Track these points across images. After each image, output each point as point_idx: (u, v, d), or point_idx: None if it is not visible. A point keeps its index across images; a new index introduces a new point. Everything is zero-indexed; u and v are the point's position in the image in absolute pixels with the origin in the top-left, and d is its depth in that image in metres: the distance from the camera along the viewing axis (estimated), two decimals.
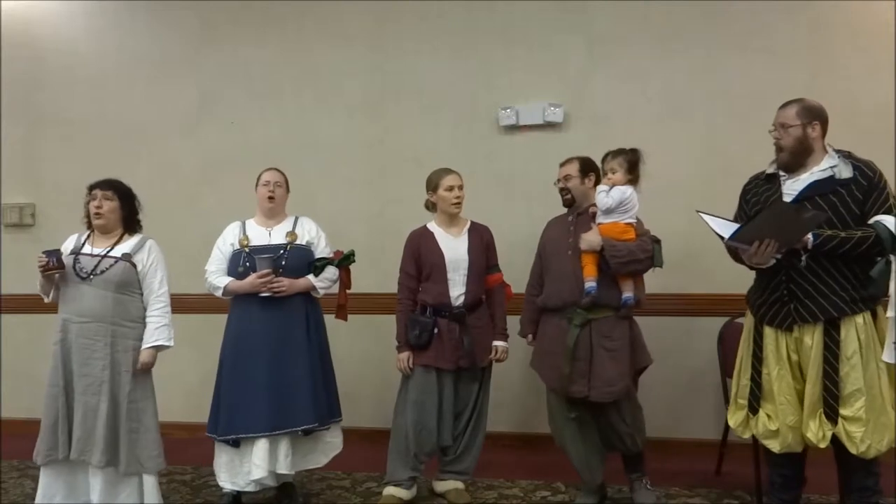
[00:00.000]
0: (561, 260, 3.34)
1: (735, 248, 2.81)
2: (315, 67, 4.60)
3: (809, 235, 2.68)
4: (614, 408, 3.26)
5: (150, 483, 3.24)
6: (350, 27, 4.56)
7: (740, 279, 3.95)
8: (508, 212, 4.25)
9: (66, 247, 3.28)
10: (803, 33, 4.04)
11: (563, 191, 3.43)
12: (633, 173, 3.26)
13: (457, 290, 3.45)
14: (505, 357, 3.56)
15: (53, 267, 3.11)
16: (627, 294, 3.24)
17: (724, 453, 3.77)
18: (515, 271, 3.70)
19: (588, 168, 3.39)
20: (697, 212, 2.85)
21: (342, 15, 4.56)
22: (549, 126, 4.30)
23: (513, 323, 3.63)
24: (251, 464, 3.31)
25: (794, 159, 2.83)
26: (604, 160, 3.34)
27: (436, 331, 3.41)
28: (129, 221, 3.34)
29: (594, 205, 3.33)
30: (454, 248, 3.49)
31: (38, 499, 3.20)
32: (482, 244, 3.53)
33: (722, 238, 2.80)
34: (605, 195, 3.23)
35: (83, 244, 3.27)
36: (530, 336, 3.56)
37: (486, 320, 3.54)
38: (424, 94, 4.48)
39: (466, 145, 4.39)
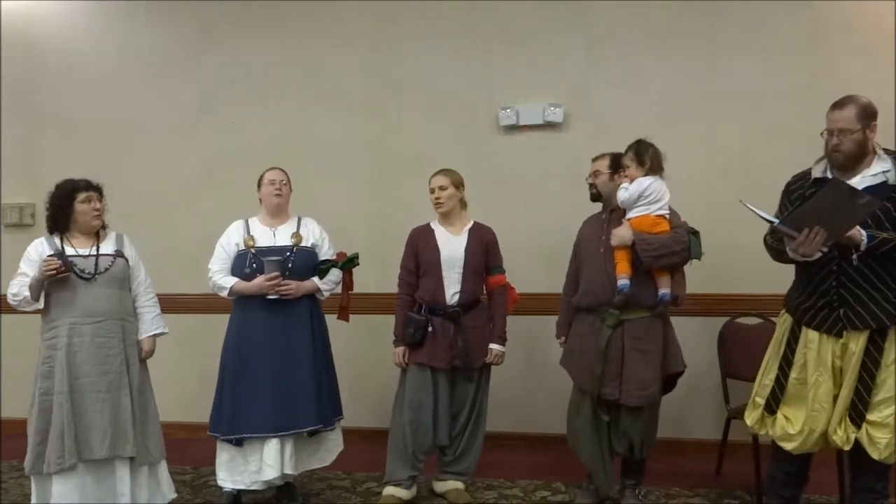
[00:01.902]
0: (594, 259, 3.29)
1: (783, 234, 2.66)
2: (315, 67, 4.60)
3: (864, 237, 2.60)
4: (636, 414, 3.21)
5: (163, 475, 3.33)
6: (350, 27, 4.56)
7: (740, 279, 3.97)
8: (508, 212, 4.24)
9: (42, 252, 3.18)
10: (803, 33, 4.04)
11: (591, 186, 3.41)
12: (643, 163, 3.18)
13: (452, 289, 3.45)
14: (500, 361, 3.54)
15: (63, 269, 3.08)
16: (664, 290, 3.15)
17: (724, 453, 3.77)
18: (515, 271, 3.69)
19: (619, 165, 3.31)
20: (741, 201, 2.74)
21: (342, 15, 4.56)
22: (549, 126, 4.30)
23: (514, 324, 3.62)
24: (262, 464, 3.31)
25: (852, 163, 2.70)
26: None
27: (430, 329, 3.42)
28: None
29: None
30: (452, 245, 3.49)
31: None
32: (481, 244, 3.52)
33: (771, 223, 2.67)
34: (621, 189, 3.20)
35: (62, 247, 3.20)
36: (563, 338, 3.50)
37: (484, 321, 3.53)
38: (424, 94, 4.48)
39: (466, 145, 4.38)
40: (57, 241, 3.23)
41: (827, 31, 4.02)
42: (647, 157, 3.18)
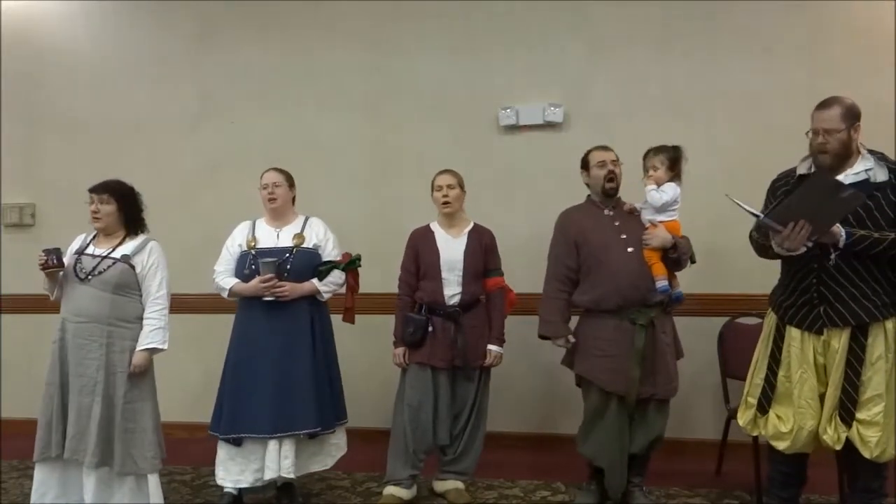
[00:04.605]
0: (617, 257, 3.21)
1: (768, 228, 2.67)
2: (315, 67, 4.60)
3: (842, 233, 2.62)
4: (662, 406, 3.27)
5: (153, 484, 3.24)
6: (350, 27, 4.56)
7: (740, 279, 3.97)
8: (508, 212, 4.25)
9: (73, 246, 3.30)
10: (803, 33, 4.04)
11: (610, 174, 3.31)
12: (674, 170, 3.23)
13: (451, 290, 3.46)
14: (498, 362, 3.55)
15: (53, 265, 3.12)
16: (679, 290, 3.27)
17: (724, 453, 3.77)
18: (515, 271, 3.70)
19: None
20: (727, 195, 2.77)
21: (342, 15, 4.56)
22: (549, 126, 4.30)
23: (514, 324, 3.63)
24: (264, 465, 3.31)
25: (838, 162, 2.72)
26: (645, 157, 3.29)
27: (430, 329, 3.43)
28: (132, 222, 3.32)
29: (625, 202, 3.34)
30: (451, 248, 3.49)
31: (32, 496, 3.22)
32: (481, 247, 3.52)
33: (757, 216, 2.68)
34: (657, 192, 3.20)
35: (88, 244, 3.28)
36: (570, 338, 3.34)
37: (483, 320, 3.53)
38: (424, 94, 4.48)
39: (466, 145, 4.38)
40: (89, 238, 3.31)
41: (827, 31, 4.02)
42: (679, 165, 3.24)
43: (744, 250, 3.07)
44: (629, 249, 3.22)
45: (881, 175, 2.70)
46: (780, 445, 2.86)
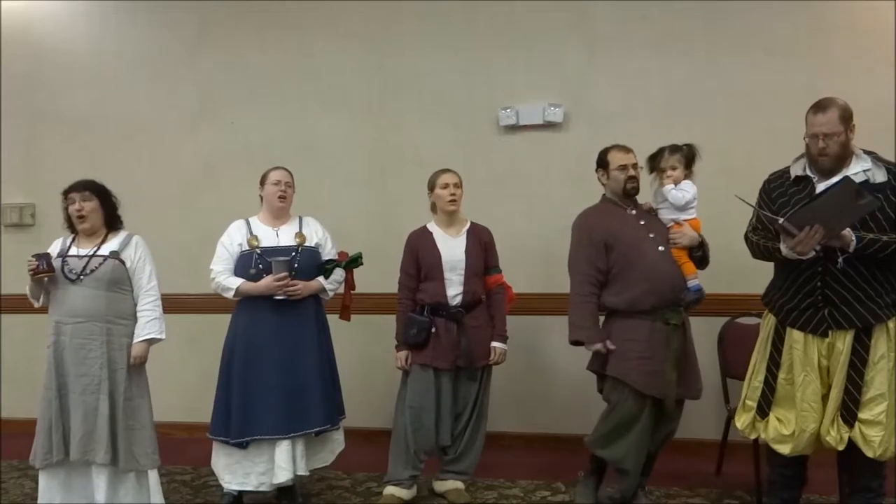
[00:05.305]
0: (651, 257, 3.14)
1: (783, 231, 2.65)
2: (315, 67, 4.60)
3: (853, 238, 2.61)
4: (680, 406, 3.26)
5: (153, 481, 3.26)
6: (350, 27, 4.56)
7: (741, 279, 3.96)
8: (508, 212, 4.24)
9: (52, 251, 3.26)
10: (803, 33, 4.04)
11: (632, 179, 3.26)
12: (690, 168, 3.23)
13: (453, 290, 3.46)
14: (503, 359, 3.55)
15: (43, 271, 3.11)
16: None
17: (724, 453, 3.78)
18: (515, 271, 3.70)
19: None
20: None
21: (342, 15, 4.55)
22: (549, 126, 4.30)
23: (514, 323, 3.62)
24: (274, 466, 3.30)
25: (838, 165, 2.72)
26: (657, 158, 3.25)
27: (433, 330, 3.42)
28: (111, 219, 3.32)
29: (641, 202, 3.32)
30: (451, 248, 3.49)
31: (39, 501, 3.21)
32: (480, 245, 3.53)
33: (776, 219, 2.66)
34: (678, 191, 3.19)
35: (69, 247, 3.26)
36: (609, 344, 3.17)
37: (485, 320, 3.53)
38: (424, 94, 4.47)
39: (466, 145, 4.38)
40: (68, 241, 3.28)
41: (827, 32, 4.02)
42: (694, 162, 3.23)
43: (744, 250, 3.07)
44: (660, 248, 3.19)
45: (880, 176, 2.70)
46: (783, 449, 2.85)
